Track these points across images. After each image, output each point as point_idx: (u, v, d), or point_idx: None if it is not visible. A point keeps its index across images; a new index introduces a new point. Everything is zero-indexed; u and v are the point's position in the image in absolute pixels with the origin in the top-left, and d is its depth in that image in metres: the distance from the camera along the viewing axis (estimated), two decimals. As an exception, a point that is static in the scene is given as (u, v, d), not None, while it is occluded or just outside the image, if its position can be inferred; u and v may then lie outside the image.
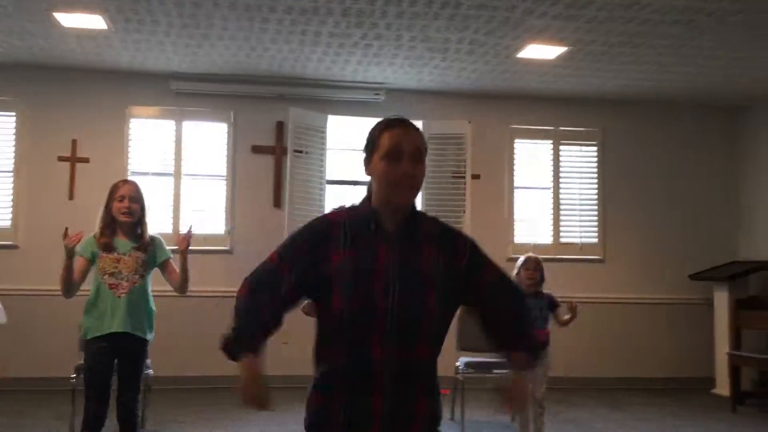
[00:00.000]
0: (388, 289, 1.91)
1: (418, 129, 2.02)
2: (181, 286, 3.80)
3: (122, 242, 3.70)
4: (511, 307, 2.14)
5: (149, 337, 3.76)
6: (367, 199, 2.05)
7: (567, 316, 4.82)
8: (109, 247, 3.67)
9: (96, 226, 3.75)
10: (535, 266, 4.77)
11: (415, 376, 1.95)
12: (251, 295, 2.04)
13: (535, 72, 6.46)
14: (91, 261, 3.72)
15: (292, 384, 6.36)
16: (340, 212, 2.10)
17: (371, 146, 2.02)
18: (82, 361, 4.47)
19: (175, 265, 3.82)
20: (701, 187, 7.58)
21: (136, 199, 3.73)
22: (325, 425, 1.97)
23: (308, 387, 2.03)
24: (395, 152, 1.95)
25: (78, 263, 3.71)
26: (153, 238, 3.83)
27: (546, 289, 4.86)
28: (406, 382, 1.93)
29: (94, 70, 6.64)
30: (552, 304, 4.80)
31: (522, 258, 4.87)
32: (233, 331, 2.04)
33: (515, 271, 4.85)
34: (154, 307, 3.81)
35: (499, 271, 2.15)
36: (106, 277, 3.65)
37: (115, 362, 3.68)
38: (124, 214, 3.68)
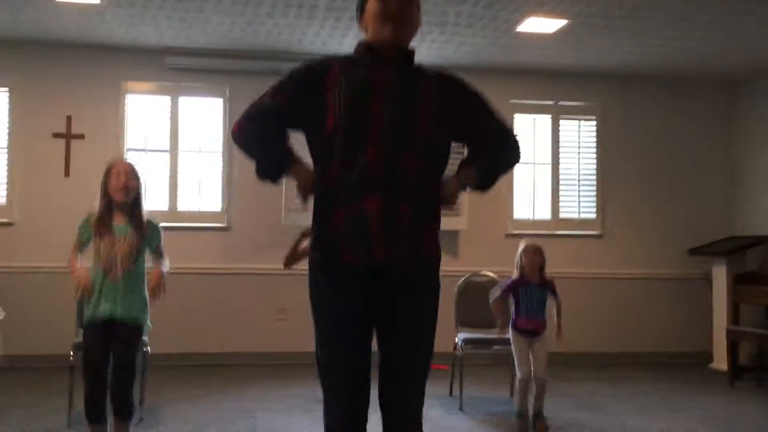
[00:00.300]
0: (383, 99, 1.97)
1: None
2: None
3: (119, 226, 3.67)
4: (499, 144, 2.21)
5: (144, 322, 3.74)
6: (363, 41, 2.13)
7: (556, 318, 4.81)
8: (104, 231, 3.63)
9: (95, 206, 3.72)
10: (534, 252, 4.74)
11: (405, 183, 1.98)
12: (250, 123, 2.13)
13: (535, 46, 6.39)
14: (86, 243, 3.70)
15: (289, 360, 6.40)
16: (337, 54, 2.21)
17: (363, 1, 2.11)
18: (79, 340, 4.48)
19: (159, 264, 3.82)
20: (700, 162, 7.54)
21: (133, 176, 3.70)
22: (330, 235, 2.01)
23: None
24: None
25: (76, 241, 3.75)
26: (150, 222, 3.80)
27: (547, 269, 4.82)
28: (394, 187, 1.96)
29: (87, 45, 6.55)
30: (553, 293, 4.79)
31: (521, 246, 4.81)
32: (258, 164, 2.15)
33: (516, 260, 4.80)
34: (147, 295, 3.77)
35: (501, 120, 2.23)
36: (101, 260, 3.63)
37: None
38: (121, 191, 3.64)
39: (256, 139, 2.14)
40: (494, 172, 2.23)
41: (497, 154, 2.22)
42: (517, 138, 2.27)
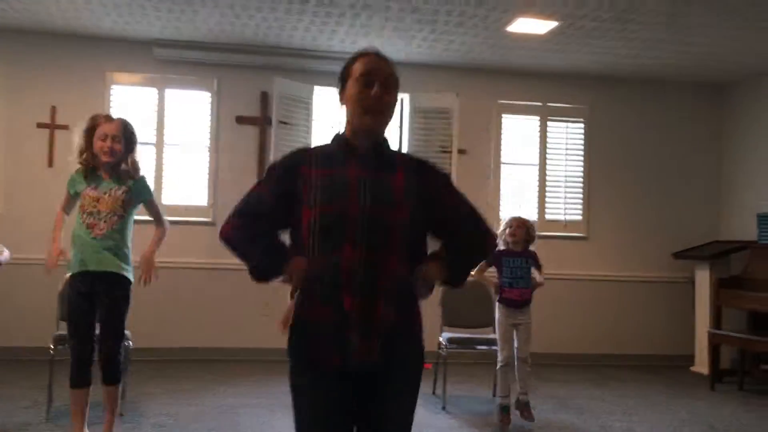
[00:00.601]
0: (359, 198, 1.97)
1: (390, 60, 2.09)
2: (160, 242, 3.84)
3: (104, 181, 3.61)
4: (469, 236, 2.18)
5: (128, 275, 3.66)
6: (340, 132, 2.12)
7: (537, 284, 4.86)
8: (92, 177, 3.58)
9: (74, 156, 3.64)
10: (517, 224, 4.77)
11: (381, 284, 1.97)
12: (239, 219, 2.08)
13: (525, 47, 6.39)
14: (74, 198, 3.65)
15: (271, 357, 6.35)
16: (315, 145, 2.21)
17: (345, 74, 2.10)
18: (60, 332, 4.43)
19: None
20: (686, 166, 7.58)
21: (118, 138, 3.61)
22: (306, 325, 2.01)
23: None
24: (367, 77, 2.03)
25: (65, 196, 3.72)
26: (138, 180, 3.72)
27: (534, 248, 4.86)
28: (371, 287, 1.95)
29: (74, 34, 6.48)
30: (536, 264, 4.81)
31: (505, 219, 4.89)
32: (254, 265, 2.08)
33: (499, 232, 4.81)
34: (130, 251, 3.70)
35: (470, 205, 2.20)
36: (85, 216, 3.56)
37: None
38: (105, 153, 3.57)
39: (249, 236, 2.07)
40: (466, 271, 2.25)
41: (469, 253, 2.22)
42: (488, 227, 2.24)
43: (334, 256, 1.95)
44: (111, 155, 3.57)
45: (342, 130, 2.11)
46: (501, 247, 4.80)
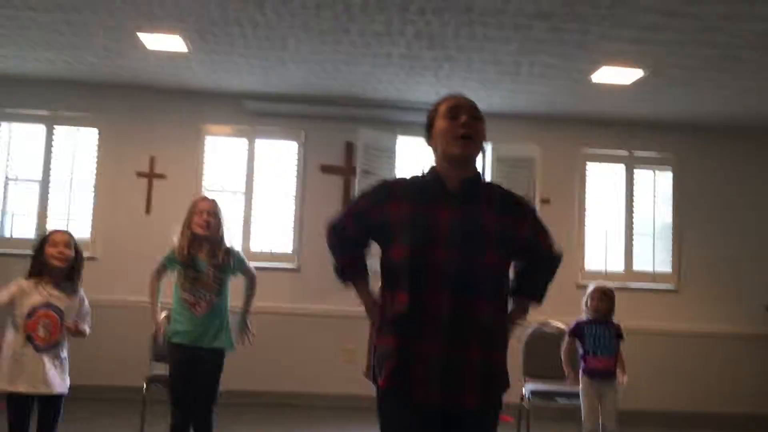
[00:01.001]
0: (448, 243, 2.02)
1: (473, 101, 2.25)
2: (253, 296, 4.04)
3: (201, 260, 3.80)
4: (539, 267, 2.33)
5: (229, 347, 3.84)
6: (433, 167, 2.22)
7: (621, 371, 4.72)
8: (189, 262, 3.77)
9: (174, 240, 3.86)
10: (600, 296, 4.70)
11: (471, 327, 2.01)
12: (332, 234, 2.32)
13: (609, 95, 6.34)
14: (166, 272, 3.84)
15: (354, 404, 6.39)
16: (404, 177, 2.31)
17: (432, 118, 2.22)
18: (154, 372, 4.61)
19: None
20: (781, 217, 7.27)
21: (214, 213, 3.84)
22: (386, 367, 2.06)
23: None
24: (454, 110, 2.16)
25: (158, 270, 3.94)
26: (230, 251, 3.91)
27: (615, 318, 4.76)
28: (461, 330, 2.00)
29: (171, 89, 6.87)
30: (618, 335, 4.70)
31: (590, 287, 4.81)
32: (336, 266, 2.33)
33: (584, 300, 4.79)
34: (229, 322, 3.88)
35: (550, 241, 2.33)
36: (186, 294, 3.75)
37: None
38: (202, 227, 3.78)
39: (337, 248, 2.32)
40: (543, 292, 2.36)
41: (545, 278, 2.35)
42: (559, 253, 2.39)
43: (423, 298, 2.00)
44: (207, 228, 3.79)
45: (434, 165, 2.20)
46: (583, 317, 4.76)
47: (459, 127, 2.10)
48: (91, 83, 6.80)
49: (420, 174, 2.22)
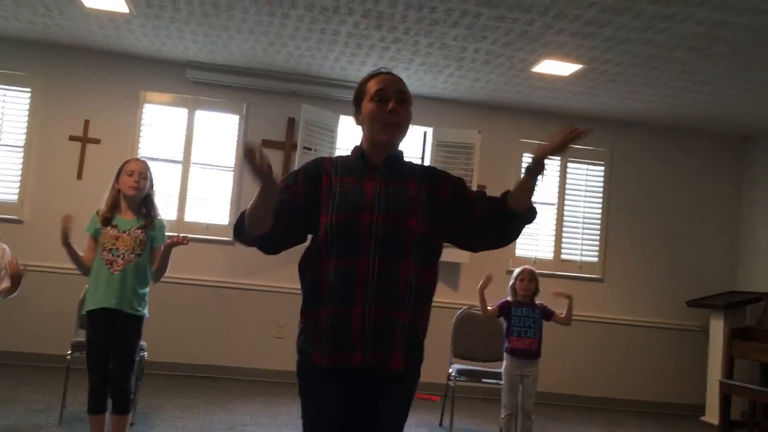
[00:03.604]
0: (372, 210, 2.06)
1: (400, 78, 2.22)
2: (156, 272, 3.83)
3: (124, 220, 3.74)
4: (497, 201, 2.21)
5: (142, 313, 3.79)
6: (358, 146, 2.22)
7: (563, 311, 4.86)
8: (109, 222, 3.71)
9: (103, 202, 3.79)
10: (529, 277, 4.84)
11: (397, 289, 2.04)
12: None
13: (549, 87, 6.50)
14: (95, 238, 3.77)
15: (285, 379, 6.41)
16: (332, 156, 2.31)
17: (359, 95, 2.21)
18: (78, 339, 4.54)
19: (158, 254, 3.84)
20: (704, 215, 7.59)
21: (145, 176, 3.78)
22: (312, 335, 2.08)
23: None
24: (382, 93, 2.14)
25: (88, 244, 3.80)
26: (155, 215, 3.85)
27: (541, 301, 4.91)
28: (388, 293, 2.02)
29: (111, 52, 6.70)
30: (546, 313, 4.86)
31: (517, 270, 4.94)
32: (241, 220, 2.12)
33: (510, 282, 4.92)
34: (147, 289, 3.82)
35: (483, 192, 2.26)
36: (105, 252, 3.69)
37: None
38: (132, 188, 3.72)
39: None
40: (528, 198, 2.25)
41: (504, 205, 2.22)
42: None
43: (348, 264, 2.03)
44: (137, 190, 3.73)
45: (360, 143, 2.23)
46: (509, 297, 4.89)
47: (386, 113, 2.12)
48: (26, 41, 6.57)
49: (347, 154, 2.25)
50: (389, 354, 2.04)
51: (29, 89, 6.68)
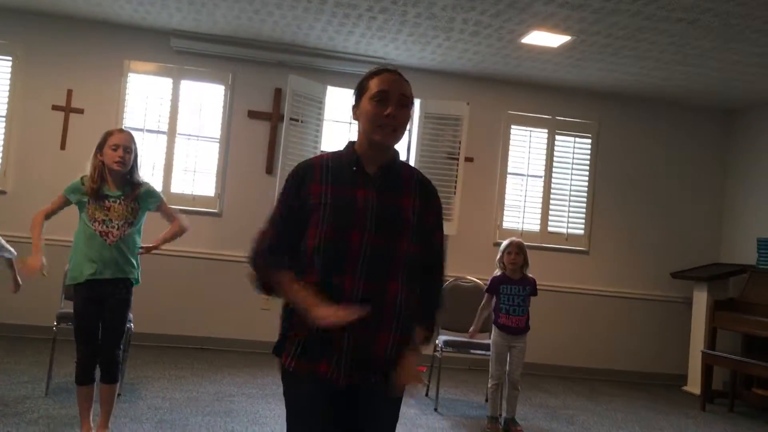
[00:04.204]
0: (363, 227, 2.01)
1: (405, 79, 2.16)
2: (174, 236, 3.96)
3: (112, 191, 3.70)
4: (431, 280, 2.21)
5: (137, 277, 3.78)
6: (352, 144, 2.16)
7: None
8: (98, 195, 3.67)
9: (86, 170, 3.73)
10: (517, 250, 4.85)
11: (383, 311, 2.01)
12: (269, 254, 2.15)
13: (537, 59, 6.46)
14: (71, 203, 3.71)
15: (269, 350, 6.43)
16: (323, 154, 2.22)
17: (360, 90, 2.17)
18: (64, 310, 4.52)
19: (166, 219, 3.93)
20: (689, 187, 7.64)
21: (129, 149, 3.72)
22: (290, 345, 2.09)
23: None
24: (382, 95, 2.09)
25: (59, 199, 3.75)
26: (141, 184, 3.81)
27: (530, 273, 4.93)
28: (372, 314, 1.98)
29: (94, 20, 6.59)
30: (535, 290, 4.89)
31: (504, 242, 4.95)
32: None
33: (498, 256, 4.94)
34: (138, 257, 3.81)
35: (442, 241, 2.24)
36: (96, 224, 3.64)
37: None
38: (117, 163, 3.67)
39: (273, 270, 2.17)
40: (432, 316, 2.24)
41: (431, 295, 2.22)
42: (443, 281, 2.29)
43: (335, 281, 1.99)
44: (122, 165, 3.67)
45: (354, 141, 2.16)
46: (497, 272, 4.90)
47: (384, 117, 2.06)
48: (6, 8, 6.45)
49: (340, 150, 2.17)
50: (369, 373, 2.02)
51: (10, 58, 6.57)
